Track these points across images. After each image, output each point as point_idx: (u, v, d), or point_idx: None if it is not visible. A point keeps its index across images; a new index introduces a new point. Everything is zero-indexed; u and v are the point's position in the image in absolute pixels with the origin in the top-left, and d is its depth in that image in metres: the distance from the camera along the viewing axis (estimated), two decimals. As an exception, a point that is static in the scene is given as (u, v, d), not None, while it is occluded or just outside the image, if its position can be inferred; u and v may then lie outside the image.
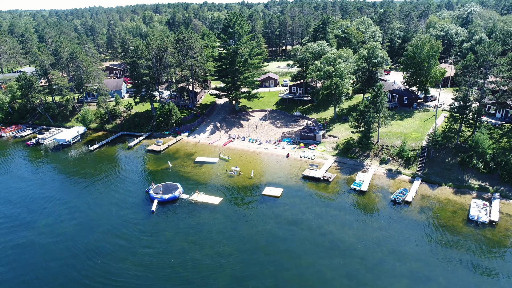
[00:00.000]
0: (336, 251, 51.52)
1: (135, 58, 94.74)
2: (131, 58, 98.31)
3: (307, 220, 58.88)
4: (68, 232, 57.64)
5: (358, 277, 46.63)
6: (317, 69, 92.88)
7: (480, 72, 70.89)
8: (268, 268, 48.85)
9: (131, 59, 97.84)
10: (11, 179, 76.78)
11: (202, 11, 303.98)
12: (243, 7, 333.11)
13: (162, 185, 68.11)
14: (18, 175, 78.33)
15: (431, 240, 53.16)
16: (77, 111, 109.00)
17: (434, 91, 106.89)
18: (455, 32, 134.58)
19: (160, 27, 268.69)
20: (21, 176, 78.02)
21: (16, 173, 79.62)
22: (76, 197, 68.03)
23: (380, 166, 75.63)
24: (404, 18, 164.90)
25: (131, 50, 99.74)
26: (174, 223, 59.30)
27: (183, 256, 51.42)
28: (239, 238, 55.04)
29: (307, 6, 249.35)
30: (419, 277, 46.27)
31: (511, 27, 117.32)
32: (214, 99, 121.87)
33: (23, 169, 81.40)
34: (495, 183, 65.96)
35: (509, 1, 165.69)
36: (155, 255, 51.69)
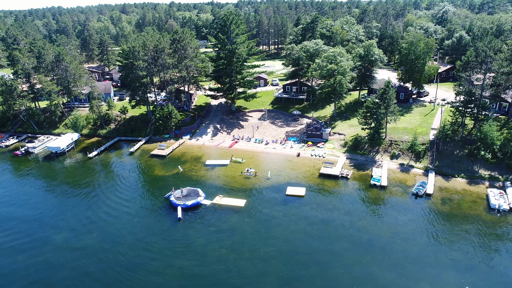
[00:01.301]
0: (375, 247, 51.94)
1: (132, 60, 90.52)
2: (125, 59, 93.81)
3: (338, 218, 58.96)
4: (89, 246, 53.77)
5: (404, 270, 47.28)
6: (319, 68, 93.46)
7: (482, 67, 74.48)
8: (313, 268, 48.35)
9: (126, 60, 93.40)
10: (9, 192, 70.66)
11: (172, 11, 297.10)
12: (214, 7, 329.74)
13: (183, 191, 65.54)
14: (15, 189, 72.24)
15: (461, 229, 55.02)
16: (66, 117, 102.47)
17: (426, 87, 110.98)
18: (433, 30, 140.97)
19: (130, 28, 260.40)
20: (19, 189, 72.03)
21: (12, 186, 73.40)
22: (86, 209, 63.68)
23: (392, 161, 77.42)
24: (381, 17, 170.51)
25: (124, 51, 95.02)
26: (204, 229, 57.15)
27: (224, 263, 49.64)
28: (275, 240, 54.04)
29: (282, 6, 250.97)
30: (462, 266, 47.70)
31: (488, 25, 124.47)
32: (208, 100, 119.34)
33: (19, 182, 75.20)
34: (504, 172, 69.61)
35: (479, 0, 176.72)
36: (195, 265, 49.47)
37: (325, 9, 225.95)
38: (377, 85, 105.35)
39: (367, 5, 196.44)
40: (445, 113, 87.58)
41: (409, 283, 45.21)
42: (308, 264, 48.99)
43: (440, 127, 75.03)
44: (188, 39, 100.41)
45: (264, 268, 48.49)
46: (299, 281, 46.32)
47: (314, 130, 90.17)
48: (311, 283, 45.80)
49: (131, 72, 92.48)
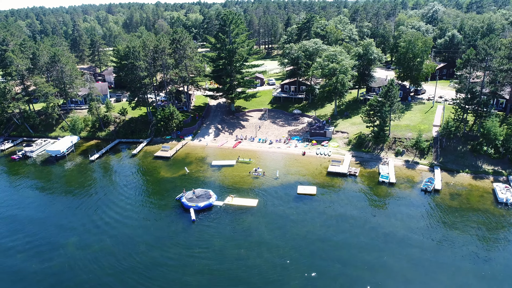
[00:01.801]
0: (392, 243, 52.51)
1: (133, 60, 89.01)
2: (124, 60, 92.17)
3: (351, 216, 59.40)
4: (104, 251, 52.49)
5: (423, 264, 47.95)
6: (320, 67, 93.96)
7: (482, 65, 76.26)
8: (335, 265, 48.55)
9: (125, 61, 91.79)
10: (12, 197, 68.45)
11: (160, 11, 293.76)
12: (203, 7, 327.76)
13: (194, 192, 64.81)
14: (17, 194, 70.06)
15: (473, 223, 56.19)
16: (63, 119, 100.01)
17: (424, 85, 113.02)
18: (425, 29, 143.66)
19: (118, 28, 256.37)
20: (21, 194, 69.88)
21: (13, 191, 71.15)
22: (94, 212, 62.28)
23: (397, 158, 78.50)
24: (372, 17, 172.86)
25: (120, 52, 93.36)
26: (220, 230, 56.65)
27: (244, 263, 49.36)
28: (292, 239, 54.01)
29: (271, 6, 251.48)
30: (479, 258, 48.71)
31: (479, 24, 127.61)
32: (206, 100, 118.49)
33: (20, 187, 72.82)
34: (507, 166, 71.47)
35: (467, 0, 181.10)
36: (215, 267, 48.92)
37: (315, 9, 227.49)
38: (376, 84, 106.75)
39: (356, 5, 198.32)
40: (446, 110, 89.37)
41: (430, 277, 45.85)
42: (328, 262, 49.15)
43: (443, 123, 76.48)
44: (187, 39, 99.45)
45: (285, 267, 48.40)
46: (322, 278, 46.40)
47: (317, 129, 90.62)
48: (335, 280, 45.97)
49: (132, 73, 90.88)
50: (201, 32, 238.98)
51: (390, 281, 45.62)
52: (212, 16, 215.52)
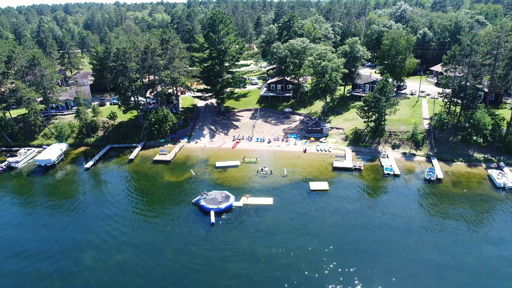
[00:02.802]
0: (413, 231, 54.91)
1: (124, 61, 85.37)
2: (114, 61, 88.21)
3: (367, 208, 61.33)
4: (127, 263, 50.12)
5: (447, 250, 50.66)
6: (313, 65, 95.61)
7: (466, 61, 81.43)
8: (365, 256, 49.91)
9: (115, 62, 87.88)
10: (9, 213, 63.24)
11: (122, 11, 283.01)
12: (168, 6, 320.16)
13: (210, 194, 63.65)
14: (12, 209, 64.86)
15: (480, 207, 60.24)
16: (45, 126, 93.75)
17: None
18: (396, 27, 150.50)
19: (78, 29, 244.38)
20: (17, 209, 64.81)
21: (8, 206, 65.77)
22: (106, 223, 59.24)
23: (394, 151, 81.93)
24: (344, 16, 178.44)
25: (99, 53, 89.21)
26: (242, 231, 56.15)
27: (277, 261, 49.36)
28: (317, 235, 54.71)
29: (240, 5, 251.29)
30: (495, 239, 52.28)
31: (447, 22, 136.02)
32: (193, 102, 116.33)
33: (14, 201, 67.42)
34: (495, 154, 77.11)
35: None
36: (250, 267, 48.48)
37: (284, 8, 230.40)
38: (361, 80, 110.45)
39: (329, 5, 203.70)
40: (430, 103, 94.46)
41: (457, 261, 48.50)
42: (359, 254, 50.44)
43: (437, 116, 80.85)
44: (177, 39, 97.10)
45: (320, 261, 49.02)
46: (358, 270, 47.46)
47: (314, 125, 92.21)
48: (371, 272, 47.24)
49: (123, 75, 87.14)
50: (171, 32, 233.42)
51: (424, 269, 47.73)
52: (182, 16, 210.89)
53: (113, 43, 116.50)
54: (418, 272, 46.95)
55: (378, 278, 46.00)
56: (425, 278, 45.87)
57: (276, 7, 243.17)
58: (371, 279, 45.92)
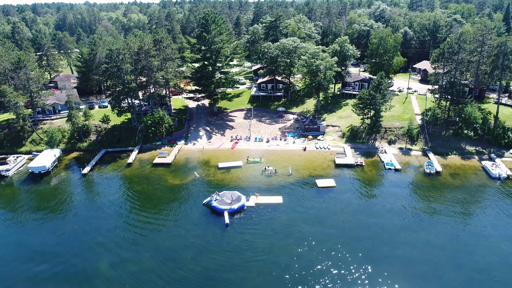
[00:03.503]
0: (425, 222, 56.94)
1: (119, 63, 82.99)
2: (106, 63, 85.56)
3: (377, 202, 63.02)
4: (146, 269, 48.86)
5: (460, 236, 52.95)
6: (307, 64, 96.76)
7: (454, 58, 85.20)
8: (384, 248, 51.20)
9: (108, 64, 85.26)
10: (14, 223, 60.02)
11: (96, 11, 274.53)
12: (143, 7, 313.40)
13: (222, 195, 63.16)
14: (15, 218, 61.63)
15: (481, 197, 63.37)
16: (33, 132, 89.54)
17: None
18: (377, 27, 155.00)
19: (49, 30, 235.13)
20: (22, 218, 61.62)
21: (11, 216, 62.44)
22: (118, 230, 57.51)
23: (391, 146, 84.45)
24: (325, 15, 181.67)
25: (105, 54, 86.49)
26: (258, 230, 56.10)
27: (301, 258, 49.76)
28: (333, 230, 55.47)
29: (219, 6, 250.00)
30: (500, 225, 55.12)
31: (426, 21, 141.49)
32: (184, 103, 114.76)
33: (15, 211, 64.12)
34: (485, 146, 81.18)
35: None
36: (274, 265, 48.62)
37: (264, 8, 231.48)
38: (351, 78, 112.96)
39: (311, 4, 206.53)
40: (419, 99, 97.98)
41: (471, 245, 50.75)
42: (377, 245, 51.66)
43: (430, 111, 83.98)
44: (169, 40, 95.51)
45: (343, 254, 49.80)
46: (380, 263, 48.60)
47: (311, 124, 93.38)
48: (391, 262, 48.54)
49: (117, 77, 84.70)
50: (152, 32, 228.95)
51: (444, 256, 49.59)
52: (161, 16, 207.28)
53: (98, 44, 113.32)
54: (436, 258, 48.75)
55: (402, 267, 47.40)
56: (443, 263, 47.70)
57: (255, 7, 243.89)
58: (395, 268, 47.22)
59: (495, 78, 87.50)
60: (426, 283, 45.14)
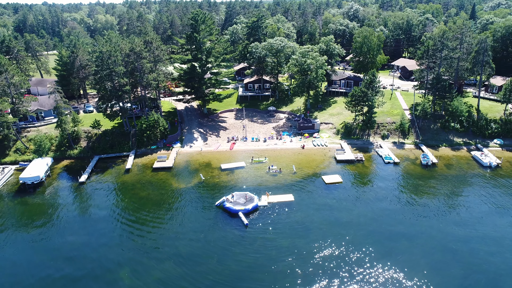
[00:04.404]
0: (438, 210, 59.80)
1: (111, 66, 79.84)
2: (97, 66, 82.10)
3: (385, 194, 65.27)
4: (173, 276, 47.66)
5: (468, 223, 56.16)
6: (298, 63, 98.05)
7: (438, 55, 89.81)
8: (400, 240, 53.24)
9: (98, 67, 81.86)
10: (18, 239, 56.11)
11: (58, 12, 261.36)
12: (109, 8, 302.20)
13: (234, 196, 62.71)
14: (19, 235, 57.72)
15: (478, 184, 67.48)
16: (17, 140, 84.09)
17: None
18: (352, 26, 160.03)
19: (8, 32, 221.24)
20: (27, 233, 57.81)
21: (12, 233, 58.37)
22: (131, 239, 55.56)
23: (384, 141, 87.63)
24: (300, 15, 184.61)
25: (96, 57, 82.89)
26: (277, 229, 56.33)
27: (327, 254, 50.64)
28: (350, 224, 56.89)
29: (190, 6, 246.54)
30: (504, 210, 59.08)
31: (400, 20, 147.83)
32: (172, 105, 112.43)
33: (15, 226, 59.99)
34: (471, 137, 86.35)
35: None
36: (302, 264, 49.11)
37: (237, 9, 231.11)
38: (337, 77, 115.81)
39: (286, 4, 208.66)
40: (403, 95, 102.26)
41: (481, 231, 53.99)
42: (393, 237, 53.59)
43: (420, 106, 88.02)
44: (159, 41, 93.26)
45: (364, 249, 51.19)
46: (397, 253, 50.55)
47: (305, 122, 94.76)
48: (410, 252, 50.58)
49: (109, 80, 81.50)
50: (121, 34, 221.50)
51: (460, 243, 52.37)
52: (133, 17, 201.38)
53: (79, 46, 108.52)
54: (451, 242, 51.47)
55: (421, 253, 49.60)
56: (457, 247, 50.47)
57: (227, 7, 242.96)
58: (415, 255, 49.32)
59: (476, 73, 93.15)
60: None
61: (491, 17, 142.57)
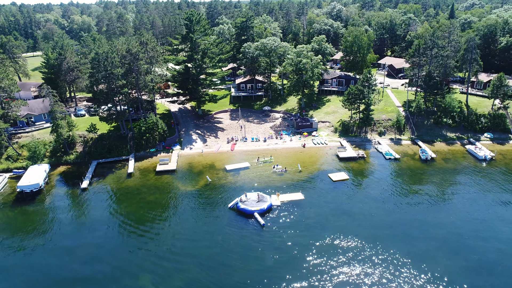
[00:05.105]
0: (442, 204, 61.96)
1: (109, 67, 77.58)
2: (93, 68, 79.62)
3: (393, 189, 66.99)
4: (195, 281, 47.19)
5: (474, 214, 58.58)
6: (293, 63, 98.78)
7: (431, 54, 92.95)
8: (414, 231, 54.80)
9: (94, 69, 79.41)
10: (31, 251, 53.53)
11: (30, 13, 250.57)
12: (85, 9, 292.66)
13: (247, 196, 62.50)
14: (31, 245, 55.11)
15: (478, 176, 70.41)
16: (8, 146, 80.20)
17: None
18: (337, 26, 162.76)
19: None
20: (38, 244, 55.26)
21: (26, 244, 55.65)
22: (146, 246, 54.38)
23: (381, 138, 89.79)
24: (284, 15, 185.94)
25: (92, 58, 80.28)
26: (294, 228, 56.56)
27: (347, 249, 51.44)
28: (365, 221, 57.94)
29: (170, 7, 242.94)
30: (505, 199, 61.98)
31: (383, 20, 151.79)
32: (165, 107, 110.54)
33: (20, 239, 57.22)
34: (463, 132, 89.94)
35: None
36: (326, 262, 49.69)
37: (218, 9, 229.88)
38: (329, 76, 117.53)
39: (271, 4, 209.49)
40: (394, 92, 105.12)
41: (486, 219, 56.46)
42: (409, 230, 55.12)
43: (414, 102, 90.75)
44: (154, 42, 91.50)
45: (381, 244, 52.31)
46: (414, 241, 52.08)
47: (303, 121, 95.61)
48: (427, 243, 52.22)
49: (107, 82, 79.16)
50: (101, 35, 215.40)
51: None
52: (113, 18, 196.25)
53: (66, 48, 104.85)
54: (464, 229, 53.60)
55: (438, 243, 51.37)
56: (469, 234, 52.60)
57: (208, 8, 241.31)
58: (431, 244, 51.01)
59: (464, 70, 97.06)
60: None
61: (469, 16, 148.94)
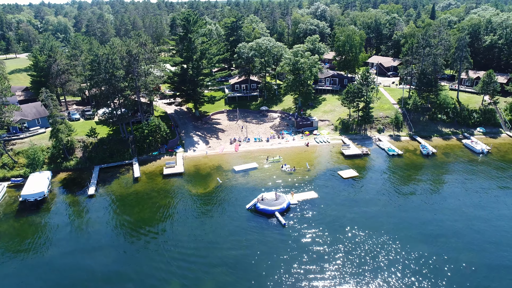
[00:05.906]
0: (451, 197, 64.31)
1: (110, 69, 75.29)
2: (92, 70, 77.08)
3: (403, 184, 68.96)
4: (227, 285, 46.84)
5: (480, 204, 61.15)
6: (291, 63, 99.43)
7: (424, 52, 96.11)
8: (429, 226, 56.65)
9: (92, 71, 76.90)
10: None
11: (0, 14, 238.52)
12: (59, 9, 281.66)
13: (264, 196, 62.42)
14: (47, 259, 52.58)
15: (478, 169, 73.43)
16: (6, 154, 76.23)
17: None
18: (322, 26, 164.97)
19: None
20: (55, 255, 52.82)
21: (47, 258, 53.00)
22: (170, 251, 53.24)
23: (381, 135, 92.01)
24: (269, 15, 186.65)
25: (91, 60, 77.63)
26: (315, 227, 56.95)
27: (370, 245, 52.42)
28: (383, 217, 59.04)
29: (150, 7, 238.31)
30: (508, 191, 65.11)
31: (368, 19, 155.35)
32: (161, 109, 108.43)
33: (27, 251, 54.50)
34: (457, 127, 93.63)
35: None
36: (354, 260, 50.45)
37: (200, 9, 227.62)
38: (323, 75, 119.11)
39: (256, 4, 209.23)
40: (388, 90, 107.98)
41: (491, 209, 59.08)
42: (428, 223, 56.87)
43: (411, 100, 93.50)
44: (151, 43, 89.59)
45: (404, 239, 53.72)
46: (441, 236, 53.82)
47: (304, 120, 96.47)
48: (447, 235, 54.09)
49: (108, 85, 76.80)
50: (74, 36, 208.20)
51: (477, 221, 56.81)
52: (93, 18, 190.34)
53: (56, 50, 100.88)
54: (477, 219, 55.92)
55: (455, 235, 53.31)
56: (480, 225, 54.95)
57: (190, 7, 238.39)
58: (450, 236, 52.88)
59: (455, 67, 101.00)
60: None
61: (448, 16, 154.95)
